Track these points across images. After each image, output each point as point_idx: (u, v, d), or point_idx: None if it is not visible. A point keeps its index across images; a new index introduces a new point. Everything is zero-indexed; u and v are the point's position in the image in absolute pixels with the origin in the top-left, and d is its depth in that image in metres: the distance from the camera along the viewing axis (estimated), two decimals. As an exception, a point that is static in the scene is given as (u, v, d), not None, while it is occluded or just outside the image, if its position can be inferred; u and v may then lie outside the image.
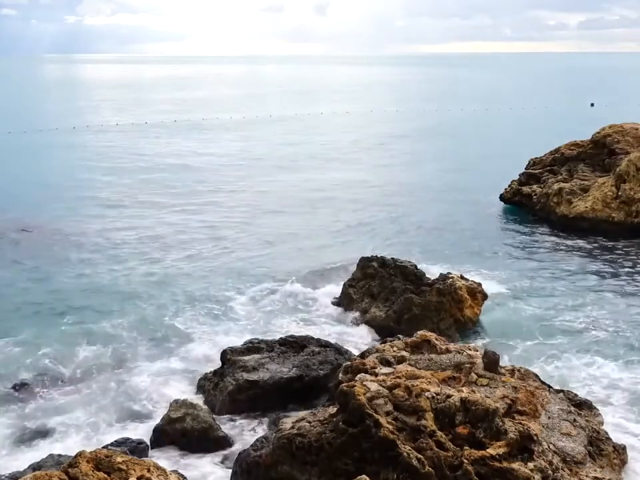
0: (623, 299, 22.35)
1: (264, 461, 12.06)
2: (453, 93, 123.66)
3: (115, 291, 23.16)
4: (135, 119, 78.30)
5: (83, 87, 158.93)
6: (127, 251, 27.53)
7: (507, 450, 11.27)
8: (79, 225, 31.27)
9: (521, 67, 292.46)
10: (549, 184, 32.76)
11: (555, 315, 20.96)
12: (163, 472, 10.26)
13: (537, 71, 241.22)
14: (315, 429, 12.01)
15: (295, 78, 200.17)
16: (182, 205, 35.79)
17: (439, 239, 29.46)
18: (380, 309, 20.50)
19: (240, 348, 17.22)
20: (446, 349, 14.17)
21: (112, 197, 37.52)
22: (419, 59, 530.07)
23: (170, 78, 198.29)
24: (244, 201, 36.94)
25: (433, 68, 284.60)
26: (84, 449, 10.39)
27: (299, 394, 15.71)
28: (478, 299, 20.48)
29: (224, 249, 28.11)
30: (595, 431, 12.72)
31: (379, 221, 32.64)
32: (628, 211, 29.47)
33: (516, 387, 12.84)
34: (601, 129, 34.58)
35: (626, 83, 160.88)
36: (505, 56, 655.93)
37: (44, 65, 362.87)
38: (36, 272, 24.93)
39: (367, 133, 66.67)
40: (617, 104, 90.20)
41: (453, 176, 43.66)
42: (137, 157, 51.56)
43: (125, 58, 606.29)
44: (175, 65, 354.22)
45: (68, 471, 9.83)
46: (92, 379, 17.15)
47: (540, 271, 25.12)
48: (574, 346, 18.85)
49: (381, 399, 11.89)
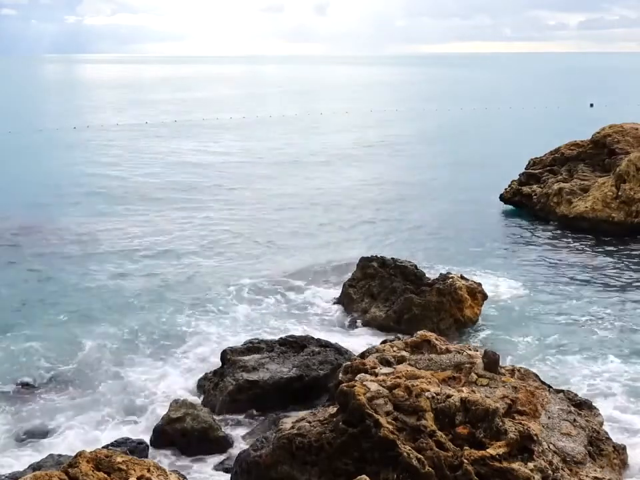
0: (623, 298, 22.33)
1: (264, 461, 12.06)
2: (453, 93, 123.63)
3: (115, 290, 23.15)
4: (135, 119, 78.29)
5: (83, 87, 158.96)
6: (128, 251, 27.51)
7: (506, 450, 11.27)
8: (79, 225, 31.24)
9: (520, 67, 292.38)
10: (549, 184, 32.76)
11: (555, 315, 20.96)
12: (162, 472, 10.27)
13: (537, 71, 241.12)
14: (314, 429, 12.01)
15: (294, 78, 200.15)
16: (182, 204, 35.77)
17: (438, 239, 29.46)
18: (380, 308, 20.51)
19: (240, 348, 17.22)
20: (446, 349, 14.17)
21: (112, 197, 37.51)
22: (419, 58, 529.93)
23: (170, 78, 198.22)
24: (244, 200, 36.94)
25: (433, 68, 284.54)
26: (84, 449, 10.39)
27: (299, 394, 15.70)
28: (478, 299, 20.47)
29: (224, 248, 28.10)
30: (595, 431, 12.72)
31: (379, 221, 32.64)
32: (628, 211, 29.46)
33: (516, 387, 12.84)
34: (601, 129, 34.56)
35: (626, 83, 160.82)
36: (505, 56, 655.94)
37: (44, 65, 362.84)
38: (36, 271, 24.92)
39: (366, 132, 66.64)
40: (617, 104, 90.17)
41: (453, 176, 43.66)
42: (137, 157, 51.58)
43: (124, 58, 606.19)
44: (175, 65, 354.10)
45: (68, 470, 9.83)
46: (92, 378, 17.13)
47: (540, 270, 25.12)
48: (574, 346, 18.85)
49: (381, 399, 11.89)
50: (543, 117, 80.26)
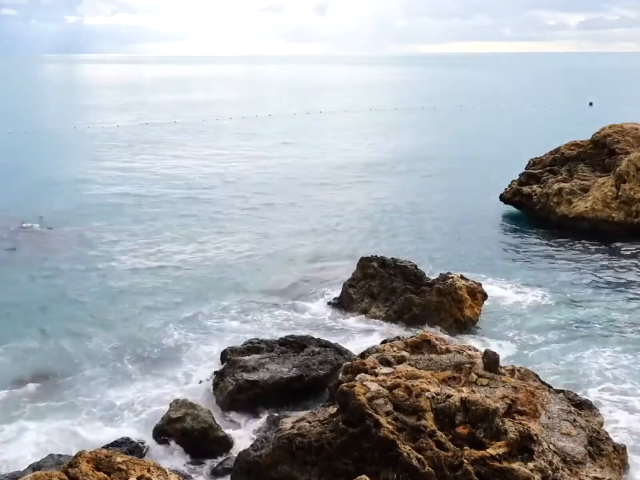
0: (623, 298, 22.35)
1: (264, 461, 12.06)
2: (453, 93, 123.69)
3: (115, 290, 23.17)
4: (135, 119, 78.32)
5: (83, 87, 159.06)
6: (129, 251, 27.54)
7: (506, 450, 11.27)
8: (79, 225, 31.27)
9: (521, 67, 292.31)
10: (549, 184, 32.74)
11: (554, 315, 20.96)
12: (162, 472, 10.27)
13: (537, 71, 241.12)
14: (315, 429, 12.02)
15: (294, 78, 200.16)
16: (182, 203, 35.84)
17: (438, 239, 29.45)
18: (380, 308, 20.51)
19: (240, 348, 17.24)
20: (446, 349, 14.18)
21: (112, 197, 37.55)
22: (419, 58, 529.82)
23: (170, 78, 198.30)
24: (244, 200, 36.95)
25: (433, 68, 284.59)
26: (84, 449, 10.40)
27: (298, 394, 15.71)
28: (478, 299, 20.48)
29: (224, 248, 28.11)
30: (595, 431, 12.73)
31: (379, 221, 32.64)
32: (628, 211, 29.46)
33: (516, 387, 12.85)
34: (601, 129, 34.54)
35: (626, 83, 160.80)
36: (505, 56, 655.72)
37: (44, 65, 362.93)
38: (36, 271, 24.94)
39: (366, 132, 66.67)
40: (617, 104, 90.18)
41: (453, 176, 43.68)
42: (137, 157, 51.58)
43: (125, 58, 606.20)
44: (175, 65, 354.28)
45: (68, 470, 9.84)
46: (92, 378, 17.16)
47: (539, 270, 25.12)
48: (574, 345, 18.86)
49: (381, 399, 11.89)
50: (543, 117, 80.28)
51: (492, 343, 18.58)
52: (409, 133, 66.66)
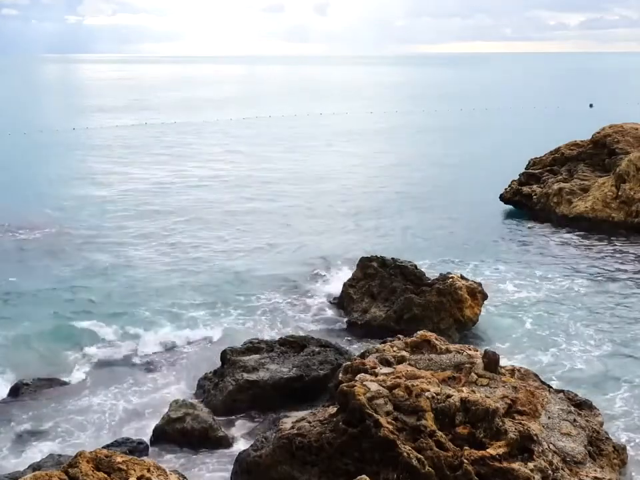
0: (623, 298, 22.35)
1: (264, 461, 12.06)
2: (453, 93, 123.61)
3: (115, 290, 23.16)
4: (135, 119, 78.23)
5: (83, 87, 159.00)
6: (131, 250, 27.55)
7: (506, 450, 11.27)
8: (79, 225, 31.29)
9: (521, 67, 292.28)
10: (549, 184, 32.76)
11: (555, 315, 20.96)
12: (162, 472, 10.27)
13: (537, 71, 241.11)
14: (315, 429, 12.02)
15: (294, 78, 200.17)
16: (183, 203, 35.81)
17: (438, 239, 29.44)
18: (380, 308, 20.51)
19: (240, 348, 17.22)
20: (446, 349, 14.18)
21: (113, 197, 37.55)
22: (419, 58, 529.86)
23: (170, 78, 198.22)
24: (244, 200, 36.96)
25: (433, 68, 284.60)
26: (84, 449, 10.40)
27: (299, 394, 15.71)
28: (478, 299, 20.46)
29: (224, 248, 28.12)
30: (595, 431, 12.73)
31: (379, 221, 32.64)
32: (628, 211, 29.47)
33: (516, 387, 12.84)
34: (601, 129, 34.57)
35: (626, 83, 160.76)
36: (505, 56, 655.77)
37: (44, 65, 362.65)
38: (36, 271, 24.94)
39: (365, 132, 66.68)
40: (617, 104, 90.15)
41: (453, 176, 43.68)
42: (137, 158, 51.55)
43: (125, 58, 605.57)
44: (175, 65, 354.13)
45: (68, 470, 9.84)
46: (92, 378, 17.17)
47: (539, 270, 25.11)
48: (574, 345, 18.86)
49: (381, 399, 11.89)
50: (543, 117, 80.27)
51: (492, 343, 18.58)
52: (409, 134, 66.67)
